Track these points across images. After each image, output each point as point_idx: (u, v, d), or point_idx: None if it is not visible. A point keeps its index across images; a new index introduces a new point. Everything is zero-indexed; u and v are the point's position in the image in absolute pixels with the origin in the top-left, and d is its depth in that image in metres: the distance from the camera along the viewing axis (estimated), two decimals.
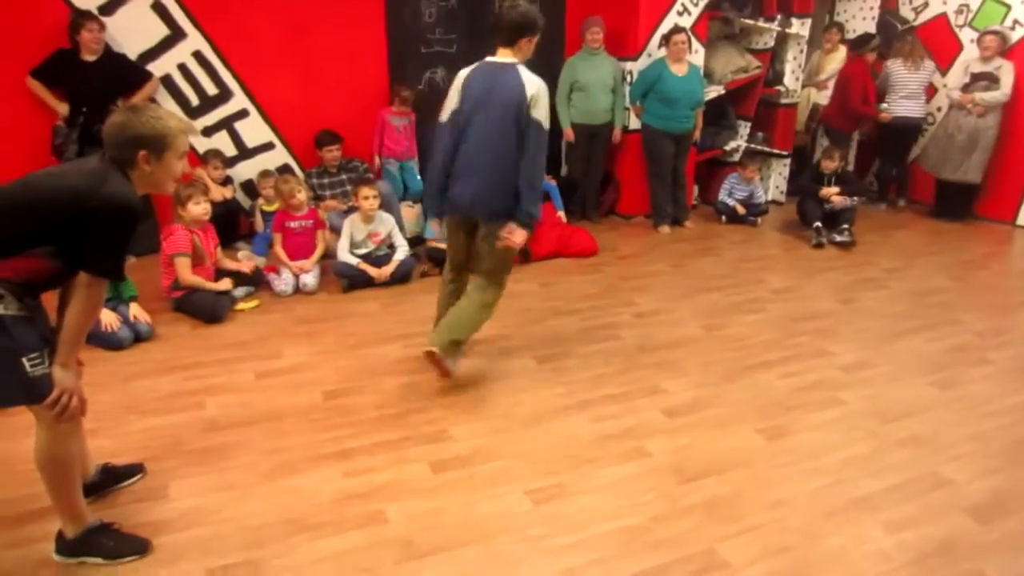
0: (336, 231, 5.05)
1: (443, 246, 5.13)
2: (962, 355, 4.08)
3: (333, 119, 5.73)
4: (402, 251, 4.95)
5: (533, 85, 3.29)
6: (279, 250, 4.80)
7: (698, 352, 4.04)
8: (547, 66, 6.28)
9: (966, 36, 7.03)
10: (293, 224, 4.85)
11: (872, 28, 7.44)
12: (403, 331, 4.21)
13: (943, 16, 7.23)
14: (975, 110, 6.54)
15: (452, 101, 3.43)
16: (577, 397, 3.50)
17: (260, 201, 5.59)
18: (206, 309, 4.26)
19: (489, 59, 3.42)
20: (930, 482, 2.88)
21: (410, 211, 5.76)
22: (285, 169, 5.79)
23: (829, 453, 3.06)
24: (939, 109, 7.13)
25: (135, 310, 4.05)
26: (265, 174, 5.61)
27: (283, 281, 4.72)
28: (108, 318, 3.87)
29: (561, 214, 5.98)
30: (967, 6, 7.04)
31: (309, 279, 4.76)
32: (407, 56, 6.02)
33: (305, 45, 5.63)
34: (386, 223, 4.97)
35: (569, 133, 6.24)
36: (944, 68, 7.16)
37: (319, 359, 3.86)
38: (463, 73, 3.46)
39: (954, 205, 6.96)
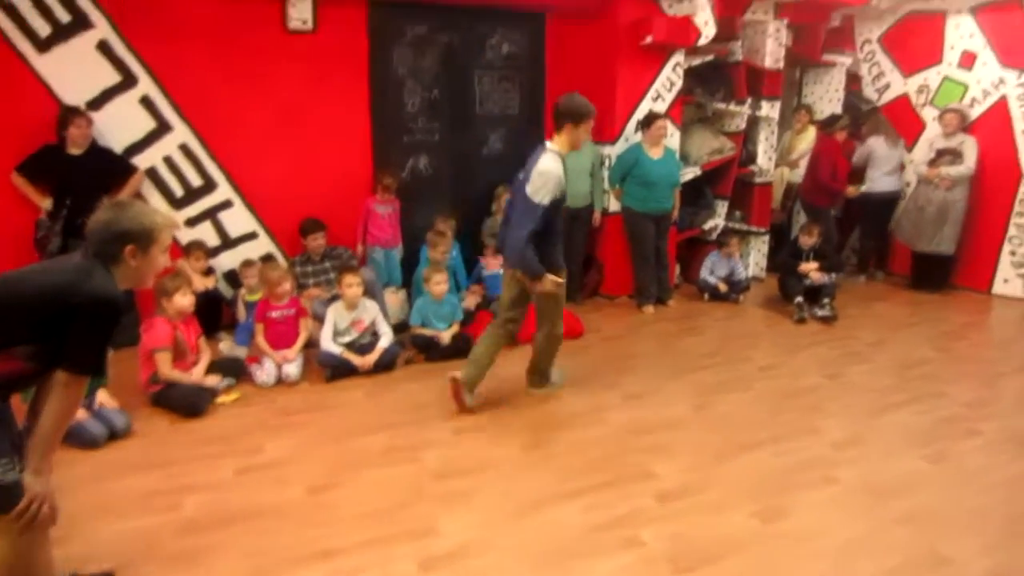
0: (319, 319, 5.02)
1: (428, 332, 5.14)
2: (951, 427, 4.06)
3: (317, 207, 5.78)
4: (386, 339, 4.91)
5: (540, 165, 3.89)
6: (261, 340, 4.75)
7: (688, 433, 3.99)
8: (527, 152, 6.45)
9: (928, 114, 7.29)
10: (275, 314, 4.81)
11: (839, 108, 7.70)
12: (388, 420, 4.13)
13: (905, 96, 7.52)
14: (942, 184, 6.73)
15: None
16: (567, 485, 3.42)
17: (242, 291, 5.57)
18: (186, 403, 4.17)
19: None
20: (930, 561, 2.82)
21: (394, 297, 5.76)
22: (268, 258, 5.79)
23: (826, 534, 3.00)
24: (908, 184, 7.33)
25: (102, 397, 3.96)
26: (248, 264, 5.60)
27: (265, 372, 4.65)
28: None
29: None
30: (927, 86, 7.33)
31: (292, 369, 4.69)
32: (391, 144, 6.14)
33: (290, 134, 5.73)
34: (370, 310, 4.95)
35: None
36: (909, 145, 7.40)
37: (301, 452, 3.76)
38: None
39: (931, 276, 7.07)
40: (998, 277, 6.91)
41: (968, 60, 6.98)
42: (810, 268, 6.28)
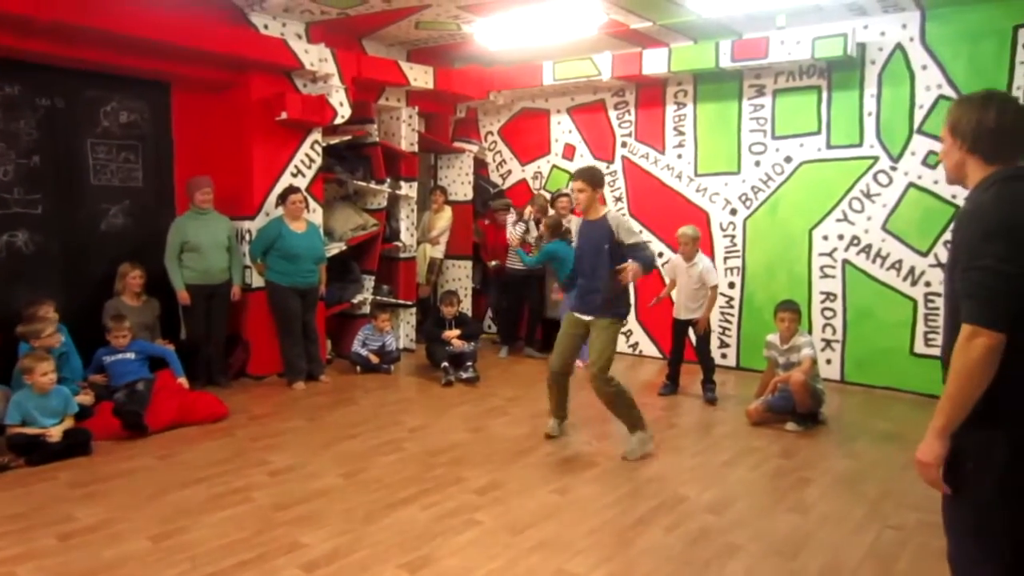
0: None
1: (31, 431, 4.37)
2: (575, 463, 4.54)
3: None
4: None
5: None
6: None
7: (338, 500, 3.89)
8: (155, 226, 5.98)
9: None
10: None
11: (470, 191, 8.46)
12: None
13: (524, 181, 8.54)
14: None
15: None
16: (202, 571, 3.09)
17: None
18: None
19: None
20: None
21: None
22: None
23: (469, 574, 3.10)
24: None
25: None
26: None
27: None
28: None
29: (182, 380, 5.47)
30: (541, 173, 8.42)
31: None
32: None
33: None
34: None
35: (184, 296, 5.87)
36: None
37: None
38: None
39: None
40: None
41: (570, 152, 8.19)
42: (452, 335, 6.67)
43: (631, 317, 7.67)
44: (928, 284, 6.10)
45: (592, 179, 4.66)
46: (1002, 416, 1.87)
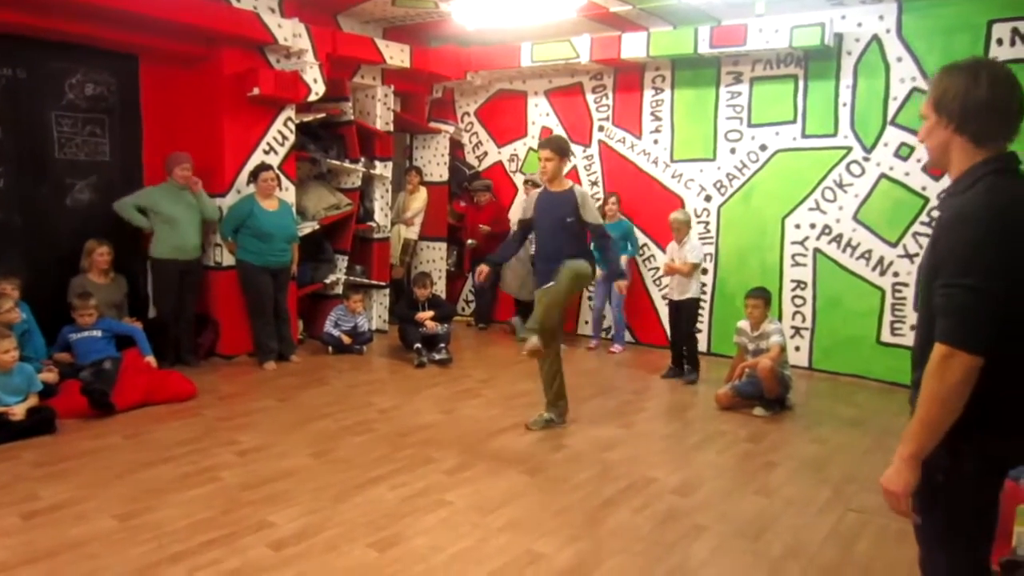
0: None
1: None
2: (545, 445, 4.57)
3: None
4: None
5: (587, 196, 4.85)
6: None
7: (307, 479, 3.88)
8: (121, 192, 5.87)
9: (519, 180, 8.32)
10: None
11: (445, 172, 8.41)
12: None
13: (500, 163, 8.50)
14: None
15: None
16: (169, 550, 3.07)
17: None
18: None
19: None
20: (526, 559, 3.08)
21: None
22: None
23: (438, 553, 3.12)
24: None
25: None
26: None
27: None
28: None
29: (150, 359, 5.40)
30: (517, 156, 8.39)
31: None
32: None
33: None
34: None
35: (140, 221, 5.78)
36: (506, 206, 8.33)
37: None
38: None
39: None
40: (580, 319, 8.06)
41: (546, 134, 8.14)
42: (425, 317, 6.66)
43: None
44: (896, 274, 6.19)
45: (559, 148, 4.67)
46: (972, 428, 1.72)
